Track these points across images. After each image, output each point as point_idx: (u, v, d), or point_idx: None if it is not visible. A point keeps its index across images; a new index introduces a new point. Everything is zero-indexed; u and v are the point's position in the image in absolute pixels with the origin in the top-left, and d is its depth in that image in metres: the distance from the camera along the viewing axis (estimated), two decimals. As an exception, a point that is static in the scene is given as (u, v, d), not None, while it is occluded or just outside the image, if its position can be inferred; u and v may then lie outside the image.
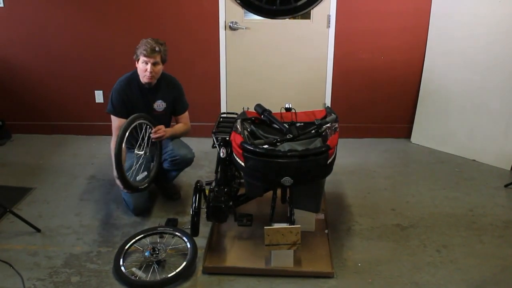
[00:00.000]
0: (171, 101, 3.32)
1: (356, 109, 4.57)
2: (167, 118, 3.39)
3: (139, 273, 2.63)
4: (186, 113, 3.43)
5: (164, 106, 3.30)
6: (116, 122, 3.19)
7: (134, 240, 2.84)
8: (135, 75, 3.21)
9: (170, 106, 3.34)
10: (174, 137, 3.32)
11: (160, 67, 3.15)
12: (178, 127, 3.37)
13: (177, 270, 2.60)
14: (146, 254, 2.71)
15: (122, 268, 2.63)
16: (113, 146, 2.89)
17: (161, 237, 2.89)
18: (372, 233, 3.06)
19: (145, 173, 3.09)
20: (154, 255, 2.70)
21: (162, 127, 3.14)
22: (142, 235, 2.88)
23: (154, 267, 2.66)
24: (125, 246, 2.79)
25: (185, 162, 3.29)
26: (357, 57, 4.39)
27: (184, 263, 2.64)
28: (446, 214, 3.29)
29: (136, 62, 3.15)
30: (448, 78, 4.21)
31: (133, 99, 3.20)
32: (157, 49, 3.06)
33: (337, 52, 4.38)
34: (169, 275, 2.58)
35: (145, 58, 3.06)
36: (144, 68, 3.09)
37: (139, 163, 3.02)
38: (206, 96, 4.56)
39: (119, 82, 3.23)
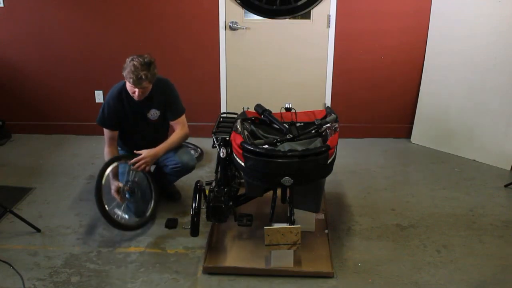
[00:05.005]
0: (164, 107, 3.18)
1: (356, 109, 4.57)
2: (164, 126, 3.29)
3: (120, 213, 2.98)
4: (183, 117, 3.23)
5: (159, 114, 3.18)
6: (108, 133, 3.12)
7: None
8: (125, 87, 3.05)
9: (165, 112, 3.20)
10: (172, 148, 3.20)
11: (149, 87, 2.99)
12: (173, 139, 3.17)
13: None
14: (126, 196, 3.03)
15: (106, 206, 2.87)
16: (107, 156, 3.11)
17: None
18: (372, 233, 3.06)
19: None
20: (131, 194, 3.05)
21: (142, 156, 3.04)
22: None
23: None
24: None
25: (187, 169, 3.23)
26: (357, 57, 4.39)
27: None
28: (446, 214, 3.29)
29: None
30: (448, 78, 4.21)
31: (125, 112, 3.10)
32: (143, 77, 2.85)
33: (337, 52, 4.37)
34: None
35: (131, 86, 2.92)
36: (132, 90, 2.95)
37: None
38: (206, 96, 4.56)
39: (111, 95, 3.10)
